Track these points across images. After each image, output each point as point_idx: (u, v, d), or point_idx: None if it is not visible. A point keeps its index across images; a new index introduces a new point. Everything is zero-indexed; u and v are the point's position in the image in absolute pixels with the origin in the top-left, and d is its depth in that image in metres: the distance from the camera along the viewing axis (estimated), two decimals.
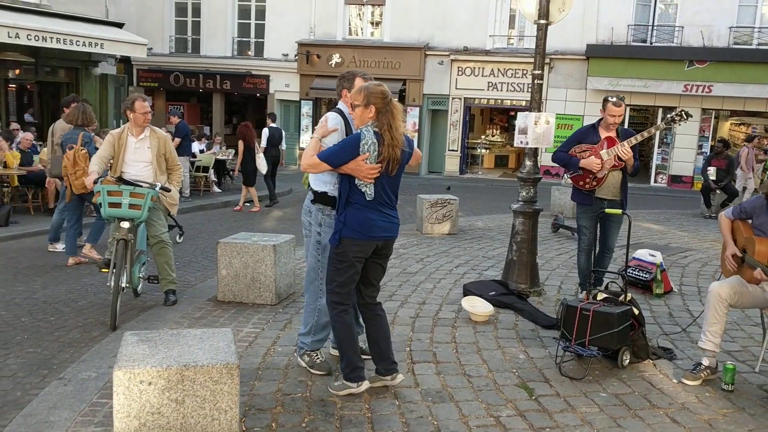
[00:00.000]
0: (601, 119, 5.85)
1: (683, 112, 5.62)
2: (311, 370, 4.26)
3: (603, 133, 5.78)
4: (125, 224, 5.56)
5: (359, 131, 3.78)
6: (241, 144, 12.69)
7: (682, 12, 19.95)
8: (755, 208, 4.34)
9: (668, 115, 5.73)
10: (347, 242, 3.80)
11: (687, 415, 3.85)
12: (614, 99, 5.74)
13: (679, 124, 5.66)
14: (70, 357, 4.78)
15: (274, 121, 14.20)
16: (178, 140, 12.52)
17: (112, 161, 5.97)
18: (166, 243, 6.02)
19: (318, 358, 4.30)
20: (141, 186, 5.70)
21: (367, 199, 3.76)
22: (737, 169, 13.21)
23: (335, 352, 4.42)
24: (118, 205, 5.52)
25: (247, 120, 26.78)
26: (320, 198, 4.13)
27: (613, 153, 5.62)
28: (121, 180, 5.76)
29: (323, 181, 4.09)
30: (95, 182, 5.65)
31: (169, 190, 5.92)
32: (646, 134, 5.76)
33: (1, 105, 17.43)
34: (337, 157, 3.72)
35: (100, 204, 5.59)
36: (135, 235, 5.78)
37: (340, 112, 4.13)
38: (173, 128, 13.21)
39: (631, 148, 5.61)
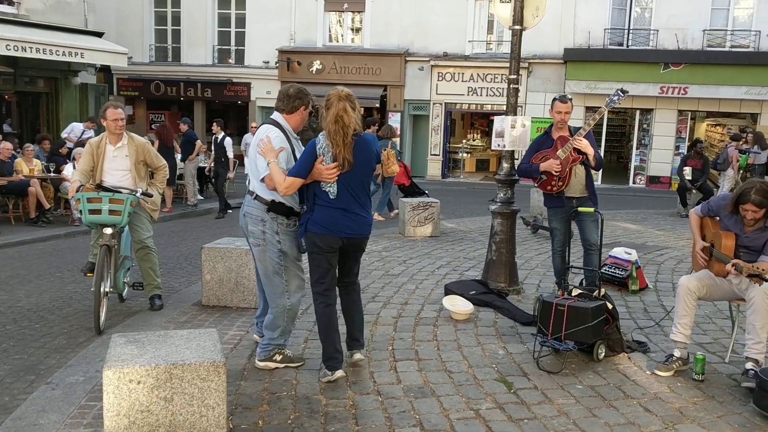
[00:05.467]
0: (552, 125, 5.99)
1: (619, 90, 5.77)
2: (291, 365, 4.41)
3: (556, 135, 5.93)
4: (108, 230, 5.60)
5: (313, 139, 4.09)
6: (156, 144, 12.77)
7: (657, 15, 20.31)
8: (720, 208, 4.51)
9: (607, 98, 5.85)
10: (311, 235, 4.13)
11: (659, 404, 4.00)
12: (560, 96, 5.94)
13: (619, 103, 5.80)
14: (57, 362, 4.84)
15: None
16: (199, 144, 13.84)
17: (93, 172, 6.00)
18: (150, 248, 6.08)
19: (290, 352, 4.51)
20: (120, 192, 5.73)
21: (331, 197, 4.05)
22: (728, 169, 13.33)
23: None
24: (98, 211, 5.56)
25: (229, 128, 26.88)
26: (275, 208, 4.21)
27: (569, 149, 5.75)
28: (100, 187, 5.78)
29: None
30: (77, 190, 5.70)
31: (151, 195, 5.97)
32: (592, 122, 5.83)
33: None
34: (304, 169, 4.01)
35: (81, 211, 5.64)
36: (119, 240, 5.85)
37: (275, 123, 4.30)
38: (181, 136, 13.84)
39: (585, 137, 5.73)
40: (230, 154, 13.35)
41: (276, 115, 4.34)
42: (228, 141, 13.37)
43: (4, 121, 18.84)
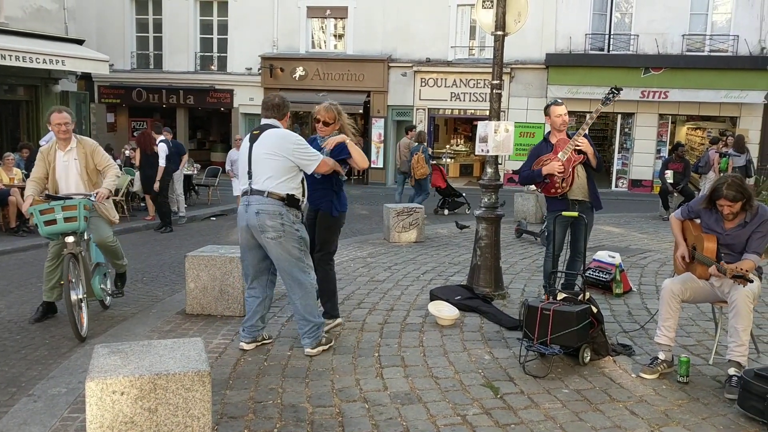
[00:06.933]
0: (549, 132, 6.05)
1: (614, 88, 5.82)
2: (329, 345, 4.90)
3: (555, 139, 5.97)
4: (70, 239, 5.54)
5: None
6: (138, 151, 12.67)
7: (637, 21, 20.52)
8: (699, 207, 4.56)
9: (603, 96, 5.94)
10: (341, 215, 5.27)
11: (645, 407, 4.02)
12: (553, 101, 6.03)
13: (614, 100, 5.87)
14: (39, 374, 4.77)
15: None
16: (185, 158, 13.57)
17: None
18: (110, 245, 6.04)
19: (326, 335, 4.97)
20: (72, 198, 5.67)
21: (343, 180, 5.22)
22: (710, 172, 13.48)
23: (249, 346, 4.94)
24: (53, 221, 5.48)
25: (212, 135, 26.74)
26: (291, 201, 4.62)
27: (569, 149, 5.79)
28: (50, 197, 5.71)
29: (292, 187, 4.64)
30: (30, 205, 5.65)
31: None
32: (590, 121, 5.88)
33: None
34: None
35: (37, 225, 5.56)
36: (87, 247, 5.86)
37: (277, 127, 4.91)
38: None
39: (584, 137, 5.79)
40: (162, 162, 12.05)
41: (273, 121, 4.82)
42: (162, 147, 12.18)
43: None
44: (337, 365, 4.61)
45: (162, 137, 12.36)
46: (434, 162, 13.82)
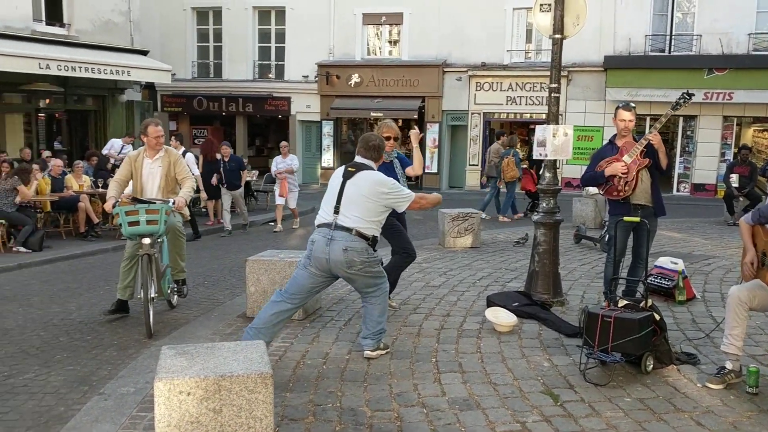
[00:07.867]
0: (615, 134, 5.96)
1: (686, 94, 5.66)
2: (387, 351, 4.96)
3: (620, 142, 5.88)
4: (146, 240, 5.87)
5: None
6: (201, 158, 12.89)
7: (700, 20, 19.96)
8: None
9: (674, 101, 5.77)
10: None
11: (712, 418, 3.90)
12: (623, 104, 5.94)
13: (685, 106, 5.70)
14: (108, 373, 4.97)
15: None
16: (246, 172, 13.64)
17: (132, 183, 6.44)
18: (179, 231, 6.48)
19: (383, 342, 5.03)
20: (155, 203, 6.07)
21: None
22: None
23: None
24: (136, 223, 5.85)
25: (270, 141, 27.22)
26: (373, 241, 4.76)
27: (636, 152, 5.67)
28: (135, 199, 6.16)
29: (376, 229, 4.77)
30: (113, 206, 6.03)
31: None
32: (659, 125, 5.73)
33: (33, 133, 17.95)
34: None
35: (120, 224, 5.97)
36: (159, 250, 6.17)
37: (372, 167, 5.05)
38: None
39: (647, 145, 5.67)
40: (195, 171, 11.85)
41: (369, 162, 4.89)
42: (190, 156, 11.96)
43: (54, 138, 19.47)
44: (395, 370, 4.64)
45: (183, 148, 11.92)
46: (524, 166, 14.84)
